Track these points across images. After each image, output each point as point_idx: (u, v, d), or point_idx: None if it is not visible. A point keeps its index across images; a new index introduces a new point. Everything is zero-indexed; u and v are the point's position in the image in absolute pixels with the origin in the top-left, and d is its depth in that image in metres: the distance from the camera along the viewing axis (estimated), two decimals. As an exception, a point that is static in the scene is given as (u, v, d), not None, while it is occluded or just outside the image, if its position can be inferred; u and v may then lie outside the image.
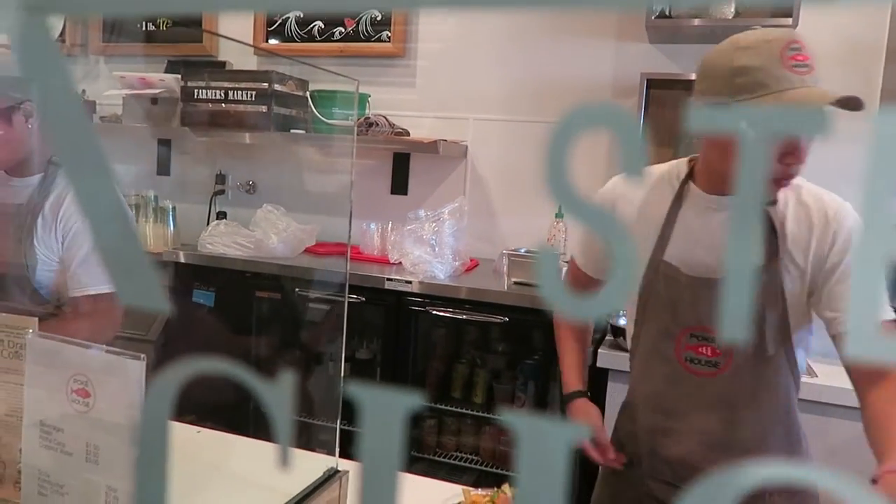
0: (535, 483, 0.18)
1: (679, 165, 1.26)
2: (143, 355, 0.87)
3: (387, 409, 0.18)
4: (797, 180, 1.17)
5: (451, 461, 2.48)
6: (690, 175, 1.23)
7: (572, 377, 1.41)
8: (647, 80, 2.29)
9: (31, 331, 0.97)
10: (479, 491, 1.08)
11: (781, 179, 1.10)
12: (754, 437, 1.21)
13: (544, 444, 0.18)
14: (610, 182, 1.35)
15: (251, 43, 2.95)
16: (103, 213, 0.23)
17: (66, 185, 1.44)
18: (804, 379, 1.30)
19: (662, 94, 2.38)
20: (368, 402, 0.18)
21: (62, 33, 3.25)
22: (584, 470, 2.22)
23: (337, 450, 1.12)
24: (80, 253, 1.45)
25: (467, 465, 2.47)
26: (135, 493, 0.21)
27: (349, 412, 0.29)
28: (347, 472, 1.09)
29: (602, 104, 0.18)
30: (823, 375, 2.00)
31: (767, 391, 1.20)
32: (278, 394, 0.19)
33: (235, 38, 3.01)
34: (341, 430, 1.12)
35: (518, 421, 0.18)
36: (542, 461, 0.18)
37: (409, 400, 0.18)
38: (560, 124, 0.18)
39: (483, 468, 2.46)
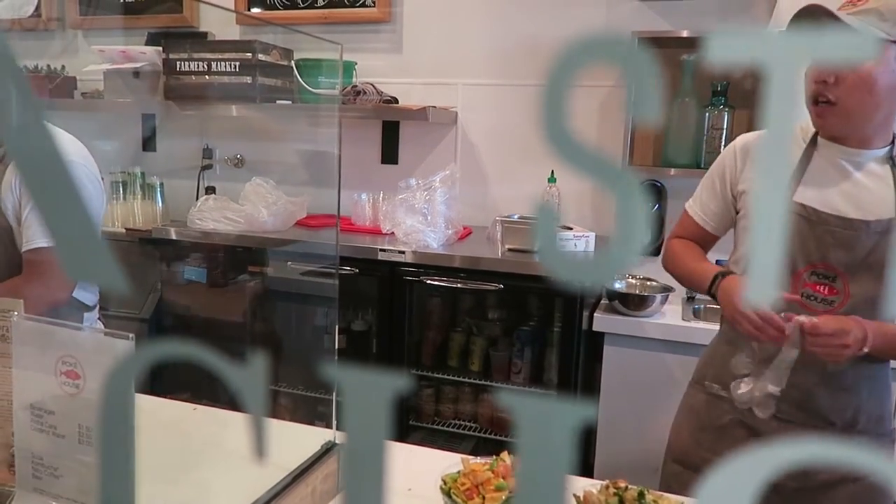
0: (537, 467, 0.17)
1: (806, 123, 1.31)
2: (131, 335, 0.85)
3: (371, 392, 0.16)
4: None
5: (450, 429, 2.49)
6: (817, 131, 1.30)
7: (709, 267, 1.39)
8: (639, 38, 2.25)
9: (16, 313, 0.95)
10: (479, 459, 1.08)
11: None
12: (846, 389, 1.23)
13: (546, 426, 0.16)
14: (738, 138, 1.39)
15: (233, 8, 2.87)
16: (53, 191, 0.21)
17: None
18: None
19: (655, 52, 2.32)
20: (351, 386, 0.16)
21: (38, 7, 3.17)
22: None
23: (334, 423, 1.11)
24: (28, 207, 1.38)
25: (466, 432, 2.48)
26: (99, 473, 0.19)
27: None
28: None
29: (603, 36, 0.16)
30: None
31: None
32: (250, 378, 0.17)
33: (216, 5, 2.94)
34: (338, 403, 1.11)
35: (517, 401, 0.17)
36: (544, 444, 0.16)
37: (394, 382, 0.17)
38: (556, 64, 0.16)
39: (481, 435, 2.47)
